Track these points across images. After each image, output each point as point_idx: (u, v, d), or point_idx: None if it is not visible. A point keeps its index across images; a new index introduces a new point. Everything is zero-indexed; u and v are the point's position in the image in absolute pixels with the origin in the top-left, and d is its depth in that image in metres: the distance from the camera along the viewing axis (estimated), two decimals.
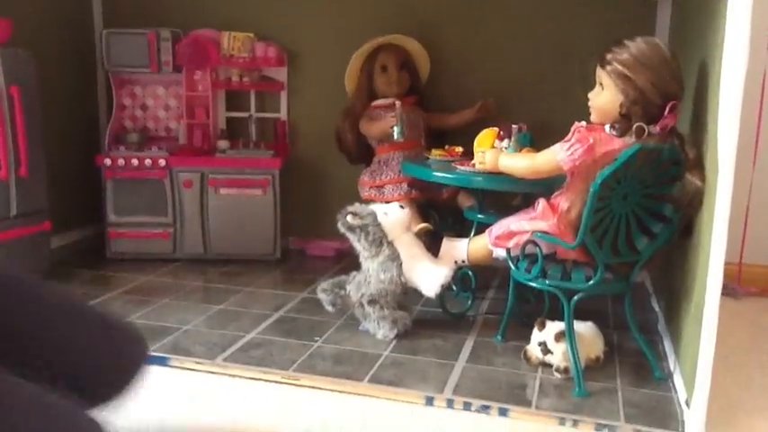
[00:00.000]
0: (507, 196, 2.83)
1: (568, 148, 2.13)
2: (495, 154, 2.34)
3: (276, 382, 2.18)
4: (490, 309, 2.85)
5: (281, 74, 3.56)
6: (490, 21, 3.33)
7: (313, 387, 2.15)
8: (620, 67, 2.06)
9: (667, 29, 3.12)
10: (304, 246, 3.64)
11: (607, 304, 2.84)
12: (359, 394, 2.11)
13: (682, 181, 2.05)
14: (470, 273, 2.68)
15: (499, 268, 2.76)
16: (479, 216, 2.70)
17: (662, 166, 2.07)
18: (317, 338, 2.49)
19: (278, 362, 2.29)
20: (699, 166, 2.01)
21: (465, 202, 2.98)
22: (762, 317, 2.89)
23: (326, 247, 3.56)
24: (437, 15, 3.36)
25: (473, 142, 2.70)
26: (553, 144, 2.33)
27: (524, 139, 2.60)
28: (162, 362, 2.27)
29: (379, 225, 2.47)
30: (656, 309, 2.81)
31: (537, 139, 2.64)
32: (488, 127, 2.76)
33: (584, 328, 2.31)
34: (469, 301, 2.75)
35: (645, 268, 2.25)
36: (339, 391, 2.12)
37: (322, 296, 2.58)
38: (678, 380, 2.16)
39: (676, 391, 2.14)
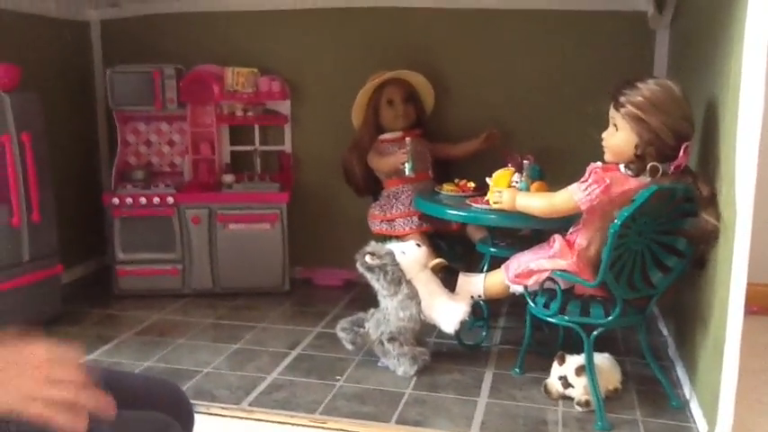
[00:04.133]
0: (517, 228, 2.88)
1: (585, 188, 2.18)
2: (513, 194, 2.39)
3: (304, 425, 2.21)
4: (504, 338, 2.90)
5: (284, 107, 3.59)
6: (493, 54, 3.40)
7: (342, 430, 2.18)
8: (634, 110, 2.12)
9: (665, 57, 3.20)
10: (311, 275, 3.67)
11: (616, 331, 2.90)
12: None
13: (696, 217, 2.11)
14: (482, 302, 2.73)
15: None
16: (492, 250, 2.74)
17: (675, 203, 2.13)
18: (338, 378, 2.52)
19: (303, 404, 2.32)
20: (712, 203, 2.07)
21: (475, 233, 3.03)
22: (766, 336, 2.96)
23: (335, 277, 3.59)
24: (440, 47, 3.43)
25: (480, 174, 2.75)
26: (561, 175, 2.40)
27: (534, 171, 2.65)
28: None
29: (397, 265, 2.51)
30: (665, 333, 2.88)
31: (543, 171, 2.71)
32: (493, 156, 2.82)
33: (601, 359, 2.37)
34: (484, 333, 2.80)
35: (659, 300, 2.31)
36: None
37: (342, 335, 2.61)
38: (695, 408, 2.22)
39: (695, 421, 2.20)
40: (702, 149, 2.28)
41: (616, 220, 2.05)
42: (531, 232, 2.87)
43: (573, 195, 2.21)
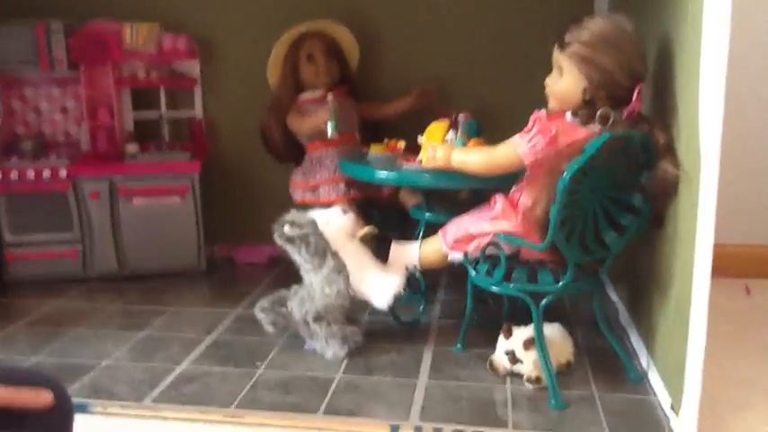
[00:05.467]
0: (454, 191, 2.62)
1: (529, 140, 1.93)
2: (447, 149, 2.12)
3: (217, 422, 1.90)
4: (444, 312, 2.66)
5: (193, 68, 3.22)
6: (424, 3, 3.10)
7: (261, 424, 1.89)
8: (582, 49, 1.87)
9: (606, 2, 2.99)
10: (232, 253, 3.34)
11: (565, 299, 2.69)
12: (315, 429, 1.86)
13: (653, 169, 1.89)
14: (418, 274, 2.46)
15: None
16: (427, 215, 2.48)
17: (631, 154, 1.91)
18: (258, 364, 2.22)
19: (217, 397, 2.01)
20: (670, 151, 1.86)
21: (408, 199, 2.76)
22: (727, 300, 2.80)
23: (258, 253, 3.27)
24: None
25: (413, 134, 2.50)
26: (502, 131, 2.15)
27: (471, 128, 2.40)
28: (81, 408, 1.94)
29: (320, 234, 2.22)
30: (614, 298, 2.69)
31: (483, 127, 2.46)
32: (427, 116, 2.56)
33: (551, 331, 2.14)
34: (421, 307, 2.54)
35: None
36: (292, 427, 1.87)
37: (261, 316, 2.30)
38: (655, 380, 2.03)
39: (655, 394, 2.01)
40: (655, 93, 2.06)
41: (565, 175, 1.81)
42: (470, 194, 2.63)
43: (516, 148, 1.96)
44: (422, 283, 2.48)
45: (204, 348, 2.35)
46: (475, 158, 2.08)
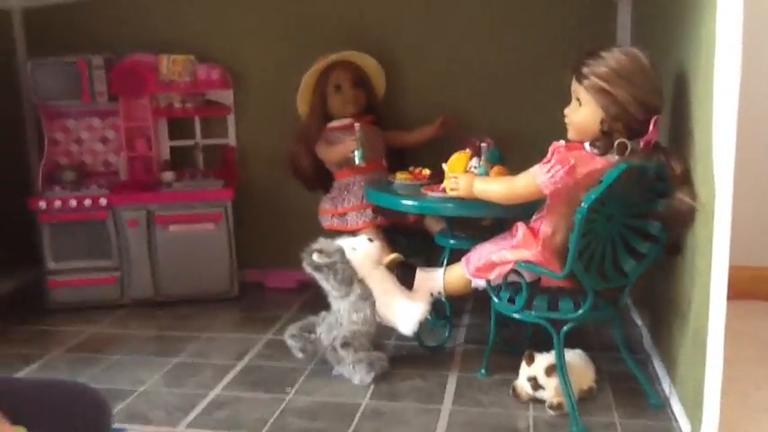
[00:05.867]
0: (478, 218, 2.67)
1: (548, 170, 1.98)
2: (470, 179, 2.17)
3: None
4: (468, 337, 2.69)
5: (226, 97, 3.33)
6: (446, 34, 3.16)
7: None
8: (598, 82, 1.92)
9: (628, 27, 3.01)
10: (262, 279, 3.42)
11: (587, 324, 2.69)
12: None
13: (669, 198, 1.92)
14: (444, 299, 2.51)
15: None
16: (452, 242, 2.53)
17: (647, 184, 1.94)
18: (288, 389, 2.28)
19: (247, 423, 2.08)
20: (687, 181, 1.88)
21: (433, 225, 2.81)
22: (744, 323, 2.79)
23: (287, 278, 3.34)
24: (391, 28, 3.18)
25: (437, 161, 2.56)
26: (523, 158, 2.20)
27: (493, 156, 2.45)
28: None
29: (347, 262, 2.28)
30: (639, 323, 2.70)
31: (504, 154, 2.50)
32: (450, 143, 2.61)
33: (572, 357, 2.17)
34: (447, 332, 2.58)
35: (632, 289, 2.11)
36: None
37: (291, 342, 2.37)
38: (677, 406, 2.04)
39: (676, 419, 2.02)
40: (672, 124, 2.09)
41: (583, 204, 1.85)
42: (493, 221, 2.67)
43: (535, 178, 2.00)
44: (447, 308, 2.53)
45: (236, 374, 2.43)
46: (496, 188, 2.13)
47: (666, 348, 2.21)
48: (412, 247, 2.84)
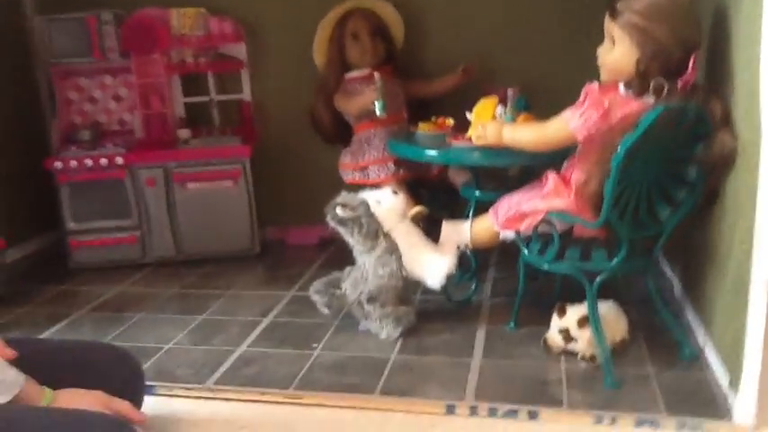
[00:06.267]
0: (504, 169, 2.60)
1: (581, 115, 1.90)
2: (498, 126, 2.09)
3: (277, 402, 1.95)
4: (495, 291, 2.65)
5: (239, 51, 3.24)
6: None
7: (320, 405, 1.93)
8: (635, 18, 1.82)
9: None
10: (284, 235, 3.39)
11: (617, 275, 2.64)
12: (372, 409, 1.89)
13: (708, 141, 1.84)
14: (470, 253, 2.46)
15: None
16: (477, 193, 2.47)
17: (685, 127, 1.86)
18: (315, 345, 2.26)
19: (276, 378, 2.06)
20: (727, 123, 1.80)
21: (457, 177, 2.75)
22: None
23: (309, 235, 3.31)
24: None
25: (459, 111, 2.48)
26: (551, 105, 2.13)
27: (520, 104, 2.37)
28: (147, 391, 2.00)
29: (372, 215, 2.23)
30: (668, 273, 2.64)
31: (530, 102, 2.42)
32: (474, 92, 2.53)
33: (605, 309, 2.11)
34: (473, 286, 2.54)
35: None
36: (350, 407, 1.90)
37: (316, 298, 2.34)
38: (713, 357, 1.99)
39: (712, 371, 1.97)
40: (709, 62, 1.99)
41: (618, 150, 1.77)
42: (519, 171, 2.60)
43: (568, 123, 1.93)
44: (473, 262, 2.48)
45: (261, 331, 2.41)
46: (526, 135, 2.05)
47: (700, 298, 2.15)
48: (436, 200, 2.78)
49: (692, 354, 2.06)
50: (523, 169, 2.55)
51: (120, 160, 3.00)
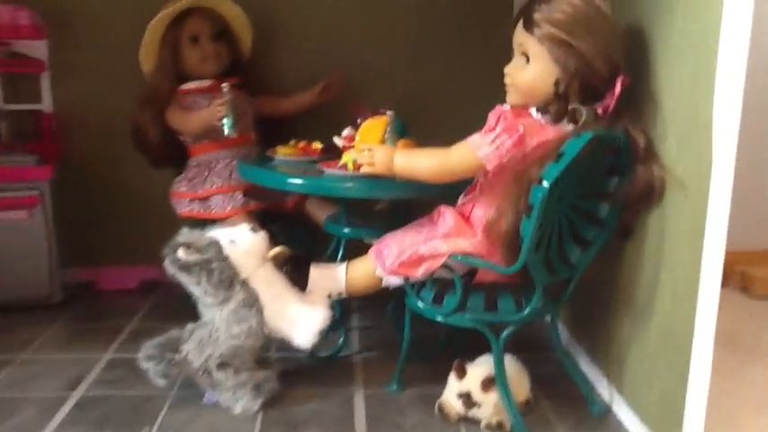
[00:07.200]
0: (372, 202, 2.25)
1: (493, 141, 1.60)
2: (388, 152, 1.72)
3: None
4: (366, 343, 2.27)
5: (39, 49, 2.59)
6: None
7: None
8: (555, 31, 1.56)
9: None
10: (94, 278, 2.75)
11: None
12: None
13: (627, 174, 1.63)
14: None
15: None
16: (346, 230, 2.09)
17: (605, 157, 1.64)
18: (146, 429, 1.72)
19: None
20: (651, 154, 1.59)
21: (317, 211, 2.36)
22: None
23: (127, 277, 2.72)
24: None
25: (323, 133, 2.12)
26: (428, 132, 1.84)
27: (398, 128, 2.04)
28: None
29: (226, 259, 1.76)
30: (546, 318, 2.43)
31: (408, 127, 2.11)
32: (338, 112, 2.21)
33: (506, 365, 1.82)
34: (341, 339, 2.15)
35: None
36: None
37: (149, 366, 1.80)
38: (627, 415, 1.76)
39: (627, 430, 1.75)
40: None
41: (544, 183, 1.49)
42: (388, 205, 2.27)
43: (475, 151, 1.62)
44: (337, 309, 2.08)
45: (69, 411, 1.81)
46: (424, 163, 1.70)
47: (601, 348, 1.94)
48: (291, 238, 2.33)
49: (600, 411, 1.83)
50: (392, 203, 2.23)
51: None
